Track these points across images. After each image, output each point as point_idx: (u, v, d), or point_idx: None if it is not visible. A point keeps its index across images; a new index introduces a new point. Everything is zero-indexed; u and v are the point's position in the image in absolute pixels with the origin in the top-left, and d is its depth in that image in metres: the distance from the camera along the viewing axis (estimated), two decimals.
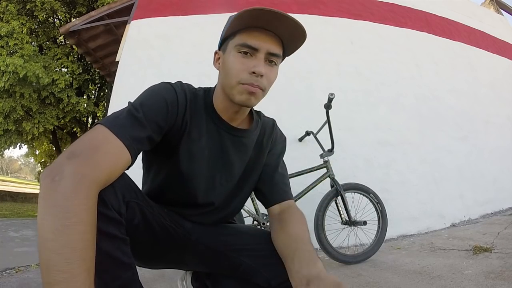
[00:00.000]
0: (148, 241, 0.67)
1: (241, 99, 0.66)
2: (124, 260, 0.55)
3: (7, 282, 1.48)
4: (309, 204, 1.81)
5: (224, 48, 0.69)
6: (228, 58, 0.67)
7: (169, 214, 0.71)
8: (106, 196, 0.51)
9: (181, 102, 0.67)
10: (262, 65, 0.64)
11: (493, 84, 3.90)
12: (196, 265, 0.79)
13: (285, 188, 0.80)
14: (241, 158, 0.76)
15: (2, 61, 5.84)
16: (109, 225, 0.52)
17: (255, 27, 0.63)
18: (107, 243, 0.52)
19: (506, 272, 1.38)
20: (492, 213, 3.01)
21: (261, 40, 0.64)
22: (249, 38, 0.64)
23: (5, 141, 7.18)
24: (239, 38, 0.65)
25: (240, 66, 0.64)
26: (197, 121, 0.70)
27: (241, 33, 0.65)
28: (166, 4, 3.47)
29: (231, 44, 0.67)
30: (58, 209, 0.44)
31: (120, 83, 3.02)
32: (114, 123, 0.56)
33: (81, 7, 7.75)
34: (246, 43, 0.64)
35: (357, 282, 1.53)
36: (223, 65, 0.69)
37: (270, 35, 0.64)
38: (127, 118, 0.58)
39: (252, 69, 0.63)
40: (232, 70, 0.65)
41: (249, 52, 0.64)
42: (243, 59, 0.64)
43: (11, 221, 4.75)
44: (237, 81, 0.65)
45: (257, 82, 0.64)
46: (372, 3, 3.65)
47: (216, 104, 0.73)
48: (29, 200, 14.01)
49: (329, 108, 1.94)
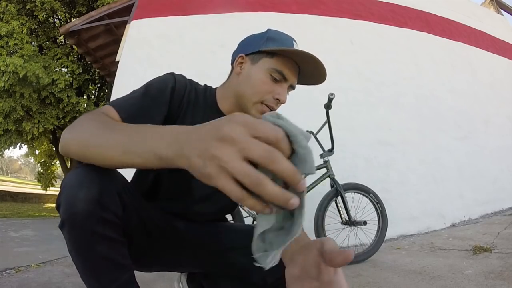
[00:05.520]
0: (144, 242, 0.67)
1: (253, 114, 0.69)
2: (122, 262, 0.55)
3: (7, 282, 1.48)
4: (309, 204, 1.81)
5: (255, 60, 0.71)
6: (257, 73, 0.69)
7: (164, 215, 0.71)
8: (104, 198, 0.51)
9: (179, 88, 0.70)
10: (286, 95, 0.70)
11: (493, 84, 3.90)
12: (191, 265, 0.79)
13: None
14: None
15: (2, 61, 5.84)
16: (107, 227, 0.52)
17: (293, 60, 0.69)
18: (105, 245, 0.51)
19: (506, 272, 1.38)
20: (492, 213, 3.01)
21: (292, 74, 0.69)
22: (286, 68, 0.68)
23: (5, 141, 7.18)
24: (276, 63, 0.68)
25: (268, 88, 0.68)
26: (194, 110, 0.72)
27: (280, 59, 0.68)
28: (166, 4, 3.47)
29: (266, 62, 0.69)
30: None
31: (120, 83, 3.02)
32: (115, 101, 0.63)
33: (81, 7, 7.75)
34: (282, 72, 0.68)
35: (357, 282, 1.53)
36: (248, 75, 0.71)
37: (296, 69, 0.70)
38: (128, 98, 0.65)
39: (277, 96, 0.68)
40: (258, 88, 0.69)
41: (279, 79, 0.69)
42: (272, 83, 0.69)
43: (11, 221, 4.75)
44: (259, 99, 0.69)
45: (276, 106, 0.70)
46: (372, 3, 3.65)
47: (222, 103, 0.74)
48: (29, 200, 14.02)
49: (329, 108, 1.94)
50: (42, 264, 1.87)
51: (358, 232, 2.00)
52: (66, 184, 0.50)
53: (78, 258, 0.53)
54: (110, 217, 0.52)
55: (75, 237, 0.50)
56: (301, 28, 3.17)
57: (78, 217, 0.49)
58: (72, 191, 0.49)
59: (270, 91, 0.68)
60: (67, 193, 0.49)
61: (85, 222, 0.49)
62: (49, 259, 2.00)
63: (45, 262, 1.92)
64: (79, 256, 0.52)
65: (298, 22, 3.20)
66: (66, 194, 0.49)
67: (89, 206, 0.48)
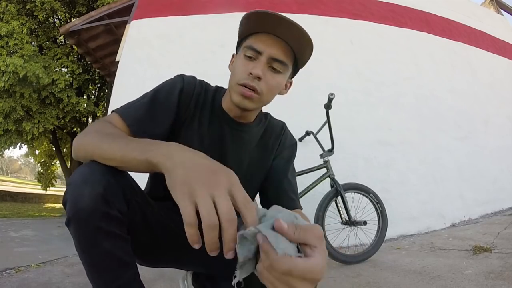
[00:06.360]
0: (148, 239, 0.67)
1: (236, 100, 0.67)
2: (125, 260, 0.55)
3: (7, 282, 1.48)
4: (309, 204, 1.81)
5: (237, 51, 0.73)
6: (236, 60, 0.70)
7: (169, 213, 0.71)
8: (108, 195, 0.51)
9: (187, 90, 0.71)
10: (260, 67, 0.64)
11: (493, 84, 3.90)
12: (193, 265, 0.79)
13: (293, 197, 0.76)
14: (237, 152, 0.76)
15: (2, 61, 5.83)
16: (111, 224, 0.52)
17: (263, 32, 0.65)
18: (109, 242, 0.52)
19: (506, 272, 1.38)
20: (492, 213, 3.00)
21: (265, 44, 0.65)
22: (255, 41, 0.65)
23: (5, 141, 7.17)
24: (247, 41, 0.68)
25: (242, 67, 0.66)
26: (201, 112, 0.73)
27: (250, 37, 0.67)
28: (166, 4, 3.47)
29: (241, 47, 0.70)
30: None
31: (120, 83, 3.02)
32: (122, 107, 0.66)
33: (81, 7, 7.75)
34: (252, 45, 0.66)
35: (357, 282, 1.53)
36: (232, 67, 0.72)
37: (277, 41, 0.65)
38: (136, 102, 0.67)
39: (250, 70, 0.65)
40: (235, 71, 0.68)
41: (253, 56, 0.66)
42: (247, 62, 0.66)
43: (11, 221, 4.75)
44: (235, 82, 0.67)
45: (253, 83, 0.65)
46: (372, 3, 3.65)
47: (223, 103, 0.75)
48: (29, 200, 14.01)
49: (329, 108, 1.94)
50: (42, 264, 1.87)
51: (358, 232, 2.00)
52: (72, 182, 0.51)
53: (84, 255, 0.53)
54: (114, 213, 0.53)
55: (81, 233, 0.51)
56: None
57: (83, 213, 0.49)
58: (77, 188, 0.50)
59: (244, 70, 0.66)
60: (73, 190, 0.50)
61: (90, 217, 0.49)
62: (49, 259, 2.00)
63: (45, 262, 1.92)
64: (84, 253, 0.53)
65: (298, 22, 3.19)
66: (72, 191, 0.50)
67: (93, 202, 0.49)
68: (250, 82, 0.65)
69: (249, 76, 0.65)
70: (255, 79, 0.65)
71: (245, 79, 0.65)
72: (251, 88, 0.65)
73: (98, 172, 0.50)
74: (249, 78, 0.65)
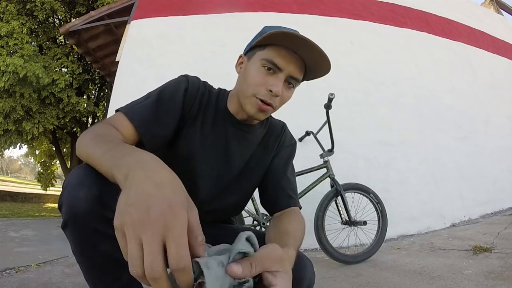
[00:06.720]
0: None
1: (251, 112, 0.67)
2: (124, 261, 0.55)
3: (7, 282, 1.48)
4: (309, 204, 1.81)
5: (250, 56, 0.70)
6: (251, 68, 0.68)
7: None
8: (104, 197, 0.50)
9: (192, 91, 0.71)
10: (280, 85, 0.65)
11: (493, 84, 3.90)
12: None
13: (291, 194, 0.77)
14: (241, 152, 0.77)
15: (2, 61, 5.83)
16: (109, 226, 0.52)
17: (285, 47, 0.65)
18: (108, 244, 0.51)
19: (506, 272, 1.38)
20: (492, 213, 3.01)
21: (287, 62, 0.65)
22: (277, 56, 0.64)
23: (5, 141, 7.18)
24: (267, 53, 0.65)
25: (260, 80, 0.66)
26: (204, 113, 0.73)
27: (271, 49, 0.65)
28: (166, 4, 3.47)
29: (258, 55, 0.67)
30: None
31: (120, 83, 3.02)
32: (127, 107, 0.65)
33: (81, 7, 7.75)
34: (273, 60, 0.64)
35: (357, 282, 1.53)
36: (244, 72, 0.71)
37: (296, 59, 0.65)
38: (141, 102, 0.66)
39: (270, 87, 0.65)
40: (251, 81, 0.67)
41: (273, 69, 0.65)
42: (265, 75, 0.66)
43: (11, 221, 4.74)
44: (252, 93, 0.66)
45: (271, 100, 0.66)
46: (372, 3, 3.65)
47: (230, 105, 0.75)
48: (29, 200, 14.01)
49: (329, 108, 1.94)
50: (42, 264, 1.87)
51: (358, 232, 2.00)
52: (67, 185, 0.50)
53: (81, 258, 0.53)
54: (111, 216, 0.52)
55: (78, 236, 0.51)
56: (301, 28, 3.13)
57: (80, 216, 0.49)
58: (73, 191, 0.49)
59: (263, 83, 0.65)
60: (68, 193, 0.50)
61: (87, 220, 0.49)
62: (49, 259, 2.00)
63: (45, 262, 1.92)
64: (82, 256, 0.52)
65: (298, 22, 3.19)
66: (68, 194, 0.50)
67: (90, 204, 0.49)
68: (268, 100, 0.66)
69: (268, 92, 0.65)
70: (274, 96, 0.66)
71: (265, 95, 0.65)
72: (268, 104, 0.66)
73: (93, 174, 0.50)
74: (268, 95, 0.65)
